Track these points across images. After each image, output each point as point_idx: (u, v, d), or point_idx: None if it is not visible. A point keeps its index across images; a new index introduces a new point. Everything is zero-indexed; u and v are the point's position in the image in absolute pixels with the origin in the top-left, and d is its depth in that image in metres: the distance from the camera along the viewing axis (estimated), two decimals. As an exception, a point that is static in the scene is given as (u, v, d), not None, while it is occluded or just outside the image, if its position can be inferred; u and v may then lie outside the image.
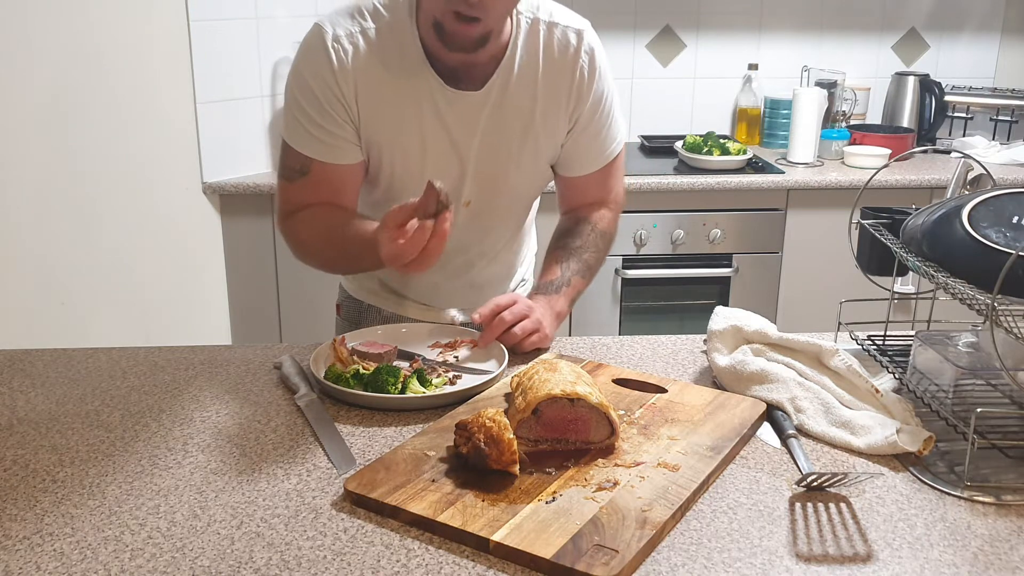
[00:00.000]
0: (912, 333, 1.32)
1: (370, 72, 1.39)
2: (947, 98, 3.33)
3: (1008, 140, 3.32)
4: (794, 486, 1.05)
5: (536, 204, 1.69)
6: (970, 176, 1.37)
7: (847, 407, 1.20)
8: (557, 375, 1.12)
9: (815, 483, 1.03)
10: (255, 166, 2.83)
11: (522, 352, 1.41)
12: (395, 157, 1.45)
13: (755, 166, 3.00)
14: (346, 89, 1.39)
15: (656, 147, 3.21)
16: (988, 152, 3.11)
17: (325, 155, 1.43)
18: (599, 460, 1.07)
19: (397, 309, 1.65)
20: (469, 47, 1.35)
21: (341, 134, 1.42)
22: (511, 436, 1.02)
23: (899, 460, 1.11)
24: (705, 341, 1.36)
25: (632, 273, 2.91)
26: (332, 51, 1.37)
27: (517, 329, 1.40)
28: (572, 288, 1.56)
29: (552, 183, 1.63)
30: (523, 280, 1.75)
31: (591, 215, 1.62)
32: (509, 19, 1.41)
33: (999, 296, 1.01)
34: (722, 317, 1.36)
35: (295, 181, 1.46)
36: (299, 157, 1.44)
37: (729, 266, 2.94)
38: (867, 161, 3.03)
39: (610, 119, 1.54)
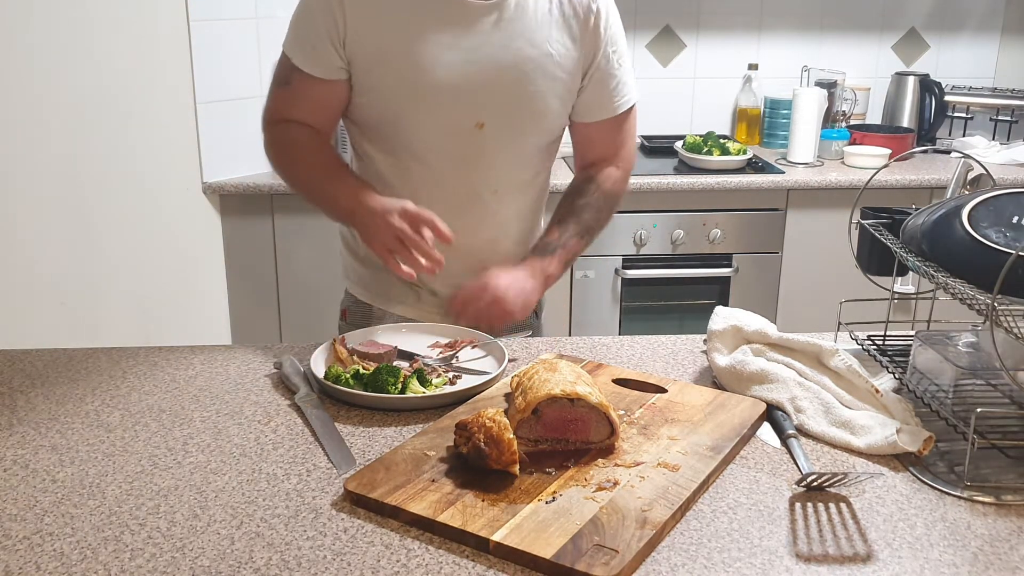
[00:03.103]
0: (912, 333, 1.32)
1: None
2: (947, 98, 3.33)
3: (1008, 140, 3.32)
4: (794, 486, 1.05)
5: (552, 158, 1.66)
6: (970, 176, 1.37)
7: (847, 407, 1.20)
8: (557, 375, 1.12)
9: (815, 483, 1.03)
10: (255, 166, 2.82)
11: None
12: (402, 65, 1.44)
13: (755, 166, 3.00)
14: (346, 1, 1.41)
15: (656, 147, 3.21)
16: (988, 152, 3.11)
17: (305, 64, 1.47)
18: (599, 460, 1.07)
19: (410, 313, 1.60)
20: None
21: (322, 48, 1.45)
22: (511, 436, 1.02)
23: (899, 460, 1.11)
24: (705, 341, 1.36)
25: (632, 273, 2.91)
26: None
27: (482, 326, 1.45)
28: (567, 251, 1.57)
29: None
30: None
31: (598, 174, 1.63)
32: None
33: (999, 296, 1.01)
34: (722, 317, 1.36)
35: (282, 87, 1.52)
36: (287, 64, 1.49)
37: (729, 266, 2.94)
38: (867, 161, 3.03)
39: (622, 70, 1.58)
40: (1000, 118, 3.35)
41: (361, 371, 1.28)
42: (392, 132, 1.50)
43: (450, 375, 1.31)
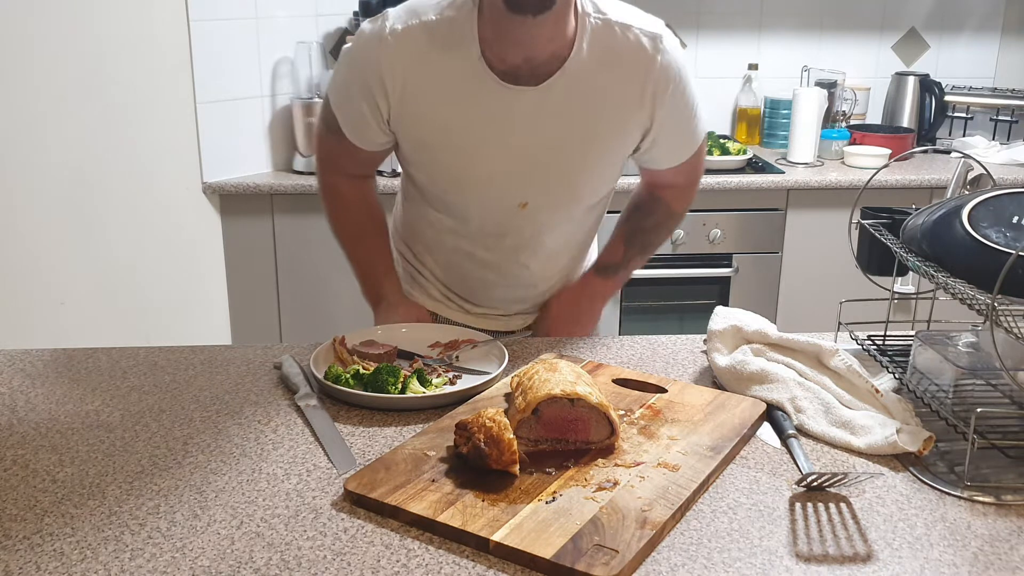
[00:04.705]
0: (912, 333, 1.32)
1: (422, 67, 1.39)
2: (947, 98, 3.33)
3: (1008, 140, 3.32)
4: (794, 486, 1.05)
5: (605, 207, 1.63)
6: (970, 176, 1.37)
7: (847, 407, 1.20)
8: (557, 375, 1.12)
9: (815, 483, 1.03)
10: (255, 166, 2.83)
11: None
12: (445, 155, 1.45)
13: (755, 166, 3.00)
14: (391, 84, 1.40)
15: (656, 147, 3.20)
16: (988, 152, 3.11)
17: (349, 132, 1.49)
18: (599, 460, 1.07)
19: (459, 318, 1.64)
20: (532, 6, 1.29)
21: (368, 122, 1.45)
22: (511, 436, 1.02)
23: (899, 460, 1.11)
24: (705, 341, 1.36)
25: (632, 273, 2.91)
26: (387, 41, 1.38)
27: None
28: (628, 270, 1.64)
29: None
30: None
31: (667, 195, 1.63)
32: (574, 18, 1.37)
33: (999, 296, 1.01)
34: (722, 317, 1.36)
35: (330, 134, 1.52)
36: (333, 118, 1.50)
37: (729, 266, 2.94)
38: (867, 161, 3.03)
39: (694, 117, 1.52)
40: (1000, 118, 3.35)
41: (361, 371, 1.28)
42: (435, 196, 1.53)
43: (450, 375, 1.31)
